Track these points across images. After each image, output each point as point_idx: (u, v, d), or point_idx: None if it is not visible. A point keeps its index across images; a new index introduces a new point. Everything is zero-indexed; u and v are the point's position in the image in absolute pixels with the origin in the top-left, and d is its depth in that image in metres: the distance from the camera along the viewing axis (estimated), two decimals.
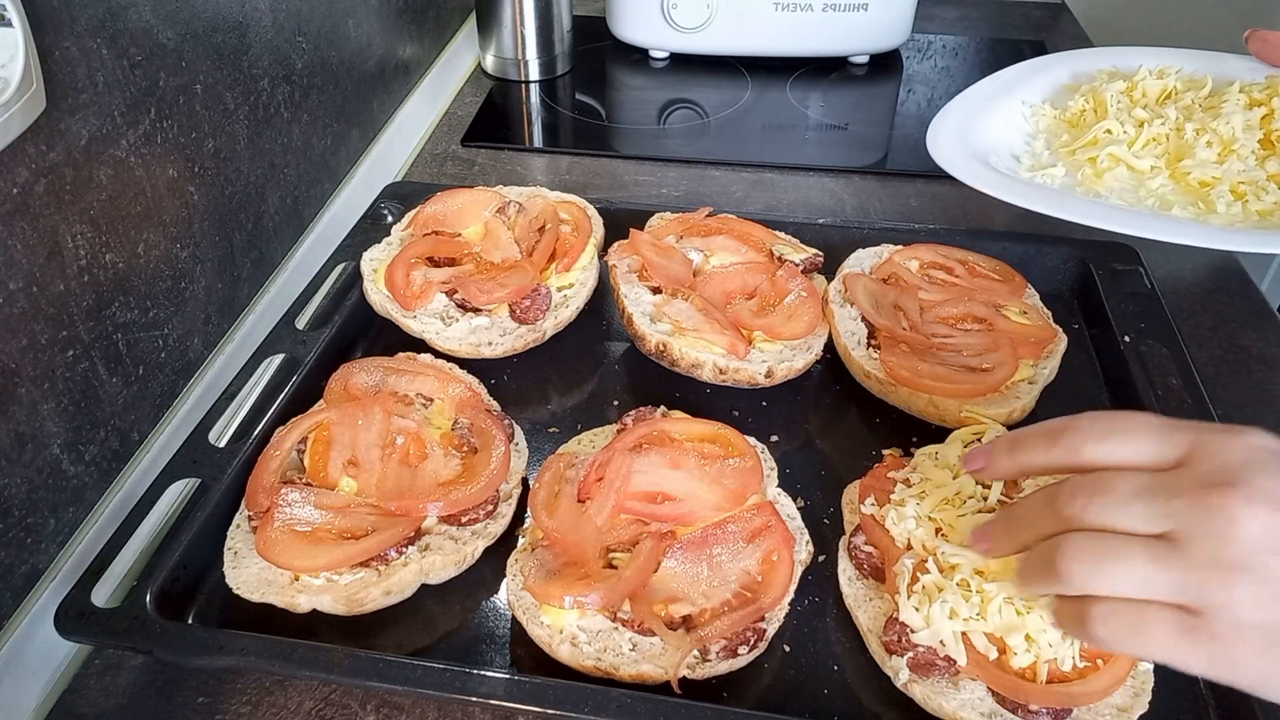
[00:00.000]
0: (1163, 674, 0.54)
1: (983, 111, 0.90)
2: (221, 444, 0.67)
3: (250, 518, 0.61)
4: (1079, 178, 0.83)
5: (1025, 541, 0.45)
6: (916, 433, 0.72)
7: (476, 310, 0.77)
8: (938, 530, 0.57)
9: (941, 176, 0.80)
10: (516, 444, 0.68)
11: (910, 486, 0.61)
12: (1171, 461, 0.41)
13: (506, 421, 0.69)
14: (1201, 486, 0.39)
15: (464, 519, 0.62)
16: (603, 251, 0.85)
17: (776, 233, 0.85)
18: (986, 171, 0.80)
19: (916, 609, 0.54)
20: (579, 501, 0.61)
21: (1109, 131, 0.85)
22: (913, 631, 0.54)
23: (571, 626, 0.56)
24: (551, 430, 0.73)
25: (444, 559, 0.60)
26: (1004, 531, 0.46)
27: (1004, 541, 0.46)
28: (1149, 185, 0.81)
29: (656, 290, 0.79)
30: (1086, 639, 0.42)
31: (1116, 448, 0.43)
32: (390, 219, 0.88)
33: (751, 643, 0.55)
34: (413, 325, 0.77)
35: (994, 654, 0.53)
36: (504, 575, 0.60)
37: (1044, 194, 0.78)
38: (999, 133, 0.89)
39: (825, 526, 0.66)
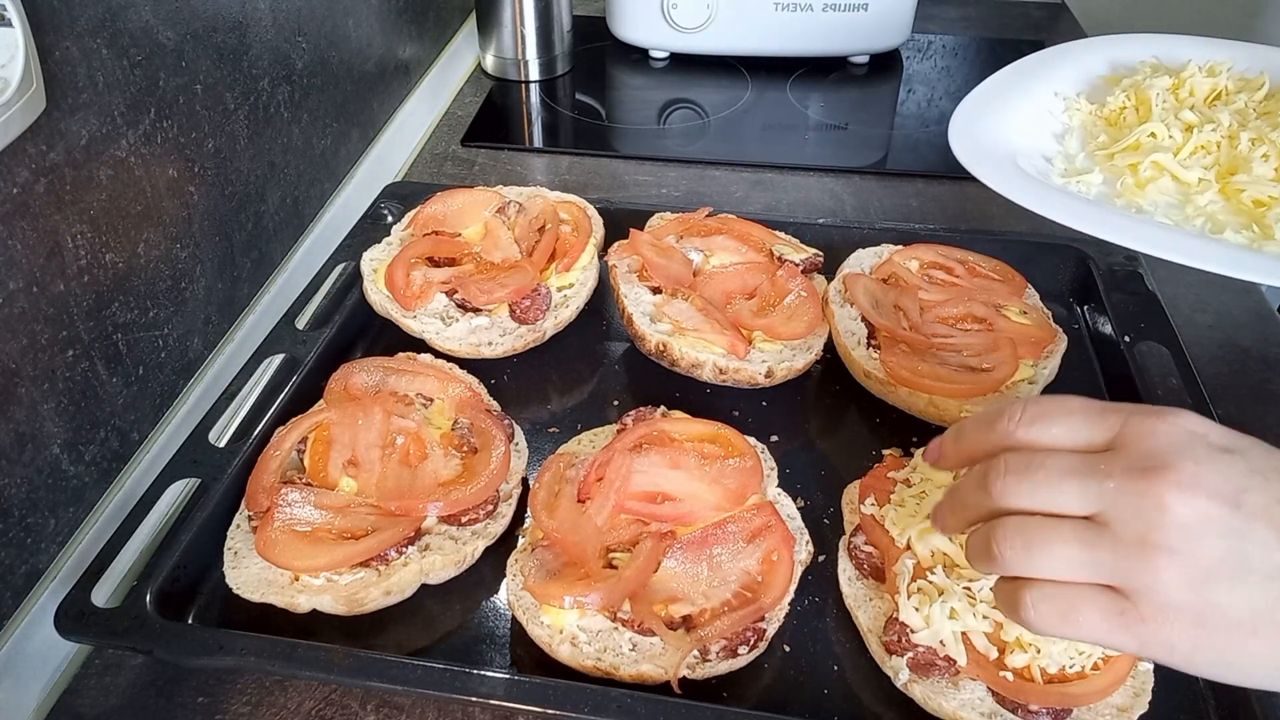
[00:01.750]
0: (1163, 674, 0.54)
1: (1010, 101, 0.81)
2: (221, 444, 0.67)
3: (250, 518, 0.61)
4: (1118, 187, 0.73)
5: (969, 519, 0.45)
6: (916, 433, 0.72)
7: (476, 310, 0.77)
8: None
9: (942, 176, 0.80)
10: (516, 444, 0.68)
11: (910, 486, 0.61)
12: (1102, 444, 0.42)
13: (506, 421, 0.69)
14: (1131, 470, 0.39)
15: (464, 519, 0.62)
16: (603, 251, 0.85)
17: (776, 233, 0.85)
18: (1017, 176, 0.72)
19: (916, 609, 0.54)
20: (579, 501, 0.61)
21: (1153, 135, 0.75)
22: (913, 631, 0.54)
23: (571, 626, 0.56)
24: (551, 430, 0.73)
25: (444, 559, 0.60)
26: (948, 511, 0.47)
27: (949, 520, 0.47)
28: (1197, 201, 0.71)
29: (656, 290, 0.79)
30: (1021, 623, 0.42)
31: (1048, 429, 0.43)
32: (390, 219, 0.88)
33: (751, 643, 0.55)
34: (413, 325, 0.77)
35: (994, 654, 0.53)
36: (504, 575, 0.60)
37: (1082, 208, 0.69)
38: (1027, 128, 0.80)
39: (825, 526, 0.66)
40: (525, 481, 0.67)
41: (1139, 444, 0.40)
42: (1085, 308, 0.84)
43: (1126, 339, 0.76)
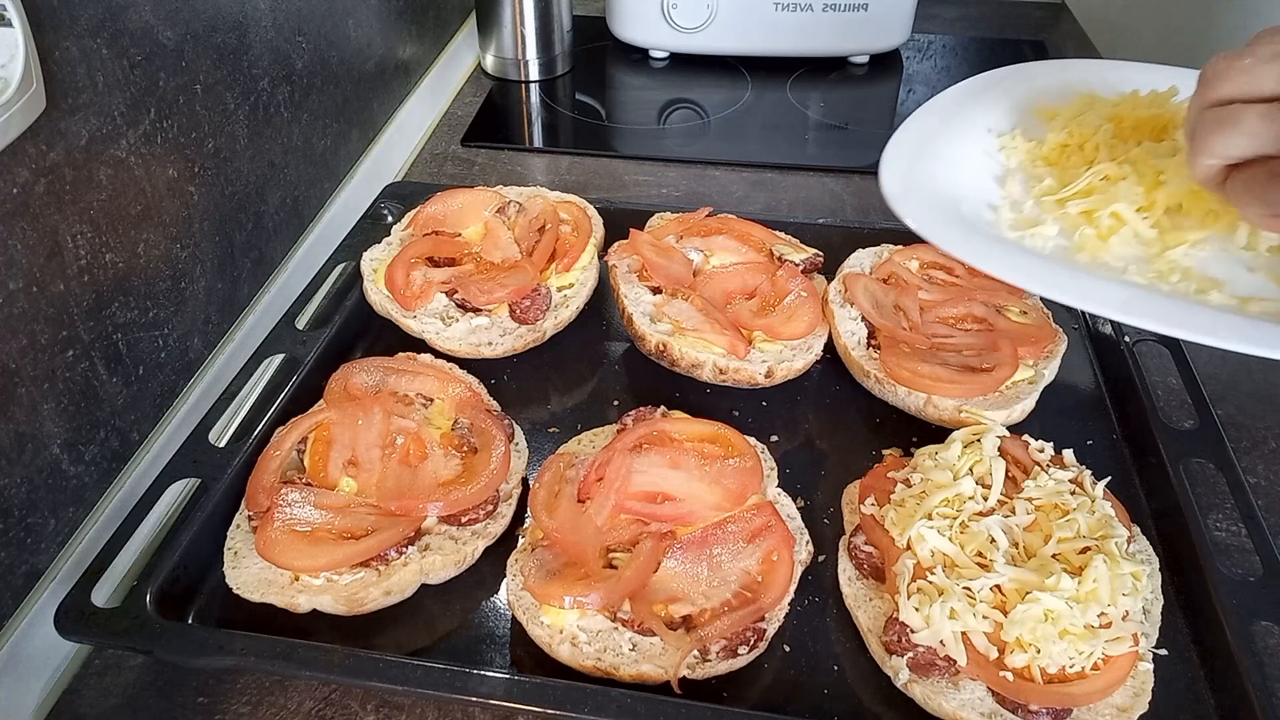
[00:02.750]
0: (1163, 674, 0.55)
1: (942, 142, 0.71)
2: (221, 444, 0.67)
3: (250, 518, 0.61)
4: (1076, 239, 0.63)
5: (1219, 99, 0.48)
6: (916, 433, 0.72)
7: (476, 310, 0.77)
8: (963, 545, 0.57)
9: None
10: (516, 444, 0.68)
11: (910, 486, 0.61)
12: None
13: (506, 421, 0.69)
14: None
15: (464, 519, 0.62)
16: (603, 251, 0.85)
17: (776, 233, 0.85)
18: (973, 236, 0.62)
19: (916, 609, 0.54)
20: (579, 501, 0.61)
21: (1106, 179, 0.65)
22: (913, 631, 0.54)
23: (571, 626, 0.56)
24: (551, 430, 0.73)
25: (444, 559, 0.60)
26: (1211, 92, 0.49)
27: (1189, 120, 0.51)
28: (1170, 256, 0.61)
29: (656, 290, 0.79)
30: (1236, 201, 0.47)
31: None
32: (390, 219, 0.88)
33: (751, 643, 0.55)
34: (413, 325, 0.77)
35: (994, 654, 0.53)
36: (504, 575, 0.60)
37: (1049, 269, 0.60)
38: (965, 172, 0.69)
39: (825, 526, 0.66)
40: (525, 481, 0.67)
41: None
42: None
43: (1126, 339, 0.76)
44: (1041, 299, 0.79)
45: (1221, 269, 0.60)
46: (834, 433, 0.74)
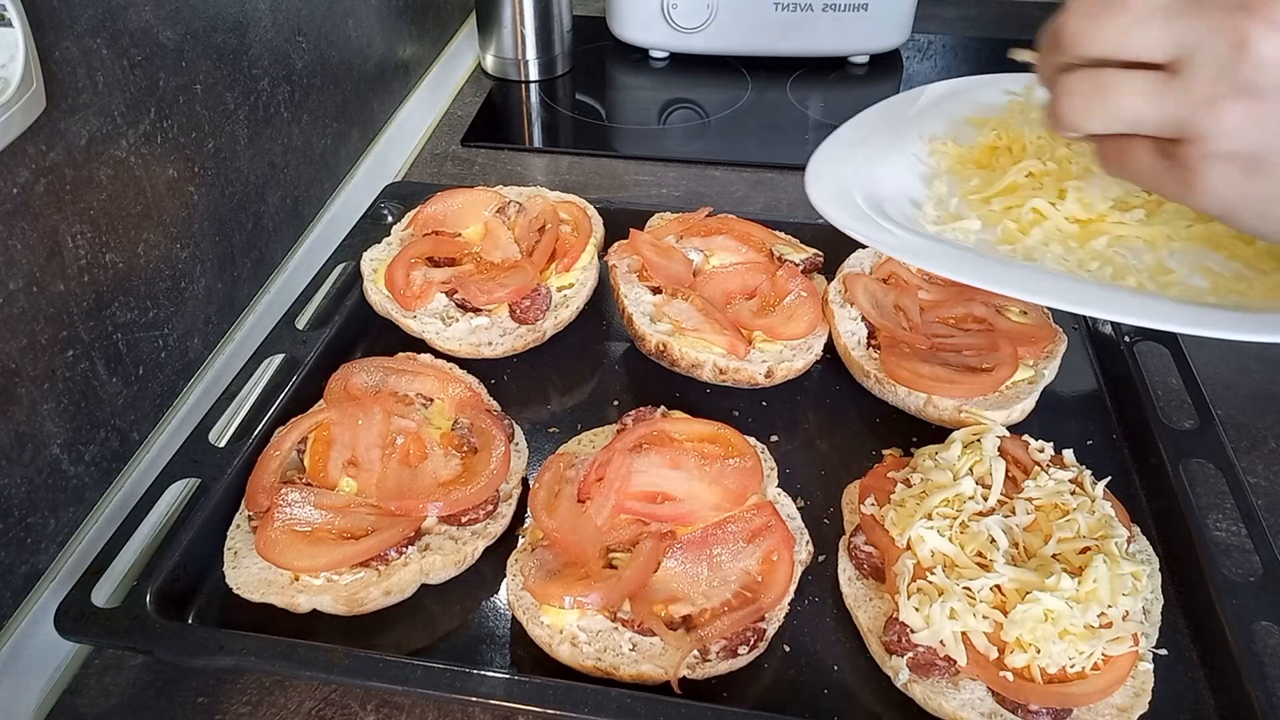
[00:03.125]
0: (1163, 674, 0.55)
1: (871, 147, 0.72)
2: (221, 444, 0.67)
3: (250, 518, 0.61)
4: (999, 233, 0.64)
5: (1060, 65, 0.43)
6: (916, 433, 0.72)
7: (476, 310, 0.77)
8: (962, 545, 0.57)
9: None
10: (516, 444, 0.68)
11: (910, 486, 0.61)
12: None
13: (506, 421, 0.69)
14: (1218, 7, 0.38)
15: (464, 519, 0.62)
16: (603, 251, 0.85)
17: (776, 233, 0.85)
18: (887, 228, 0.63)
19: (916, 609, 0.54)
20: (579, 501, 0.61)
21: (1031, 175, 0.66)
22: (913, 631, 0.54)
23: (571, 626, 0.56)
24: (551, 430, 0.73)
25: (444, 559, 0.60)
26: (1051, 48, 0.44)
27: (1050, 59, 0.44)
28: (1093, 246, 0.62)
29: (656, 290, 0.79)
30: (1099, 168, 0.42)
31: None
32: (390, 219, 0.88)
33: (751, 643, 0.55)
34: (413, 325, 0.77)
35: (994, 654, 0.53)
36: (504, 575, 0.60)
37: (968, 260, 0.60)
38: (892, 173, 0.70)
39: (825, 526, 0.66)
40: (525, 481, 0.67)
41: None
42: None
43: (1126, 339, 0.76)
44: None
45: (1143, 259, 0.61)
46: (834, 433, 0.74)
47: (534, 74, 1.27)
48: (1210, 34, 0.38)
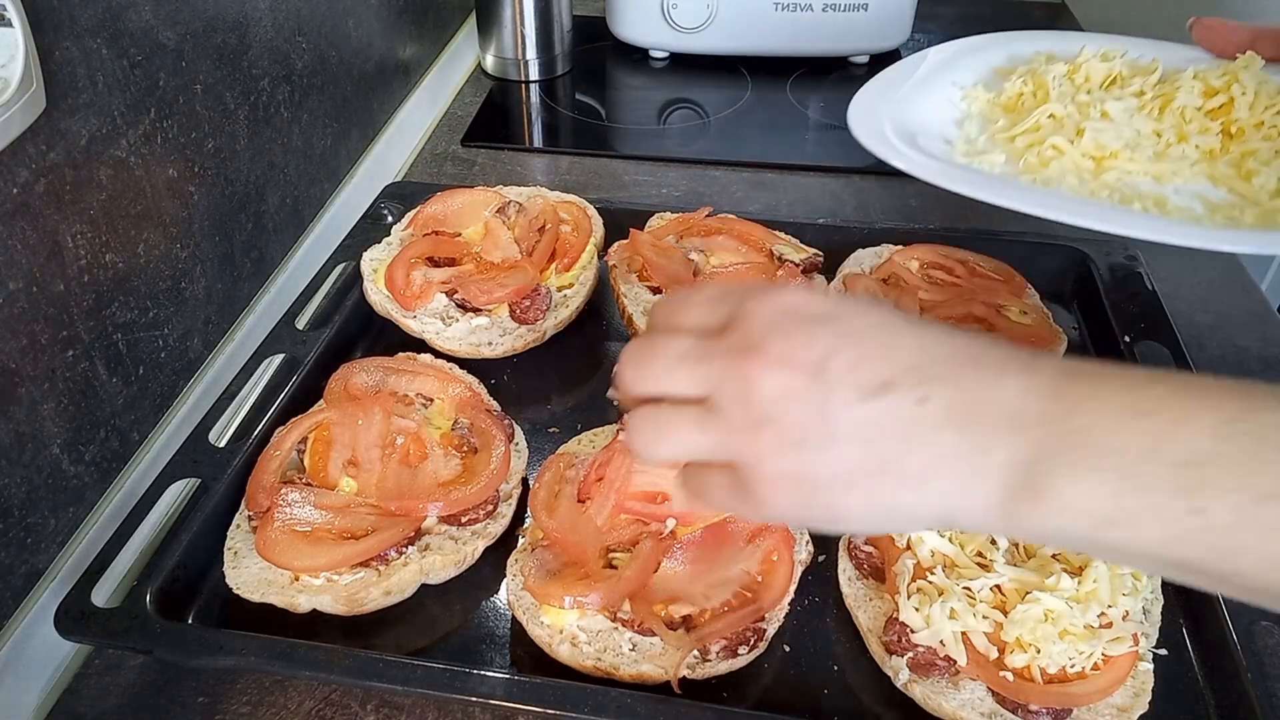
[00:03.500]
0: (1163, 674, 0.55)
1: (909, 90, 0.81)
2: (221, 444, 0.67)
3: (250, 518, 0.61)
4: (1021, 166, 0.74)
5: (629, 406, 0.46)
6: None
7: (476, 310, 0.77)
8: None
9: None
10: (516, 444, 0.68)
11: None
12: (719, 327, 0.43)
13: (506, 421, 0.69)
14: (728, 352, 0.41)
15: (464, 519, 0.62)
16: (603, 251, 0.85)
17: (776, 233, 0.85)
18: (918, 154, 0.72)
19: (916, 609, 0.54)
20: (579, 501, 0.61)
21: (1053, 116, 0.76)
22: (913, 631, 0.54)
23: (571, 626, 0.56)
24: (551, 430, 0.73)
25: (444, 559, 0.60)
26: (616, 388, 0.47)
27: (618, 395, 0.47)
28: (1104, 179, 0.72)
29: (656, 290, 0.79)
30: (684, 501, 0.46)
31: (679, 316, 0.45)
32: (390, 219, 0.88)
33: (751, 643, 0.55)
34: (413, 325, 0.77)
35: (994, 654, 0.53)
36: (504, 575, 0.60)
37: (989, 181, 0.70)
38: (927, 114, 0.79)
39: None
40: (525, 481, 0.67)
41: (740, 326, 0.42)
42: (1085, 308, 0.84)
43: (1126, 339, 0.76)
44: (1041, 299, 0.80)
45: (1147, 190, 0.71)
46: None
47: (534, 74, 1.27)
48: (723, 376, 0.41)
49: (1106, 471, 0.36)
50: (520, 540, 0.62)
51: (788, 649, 0.58)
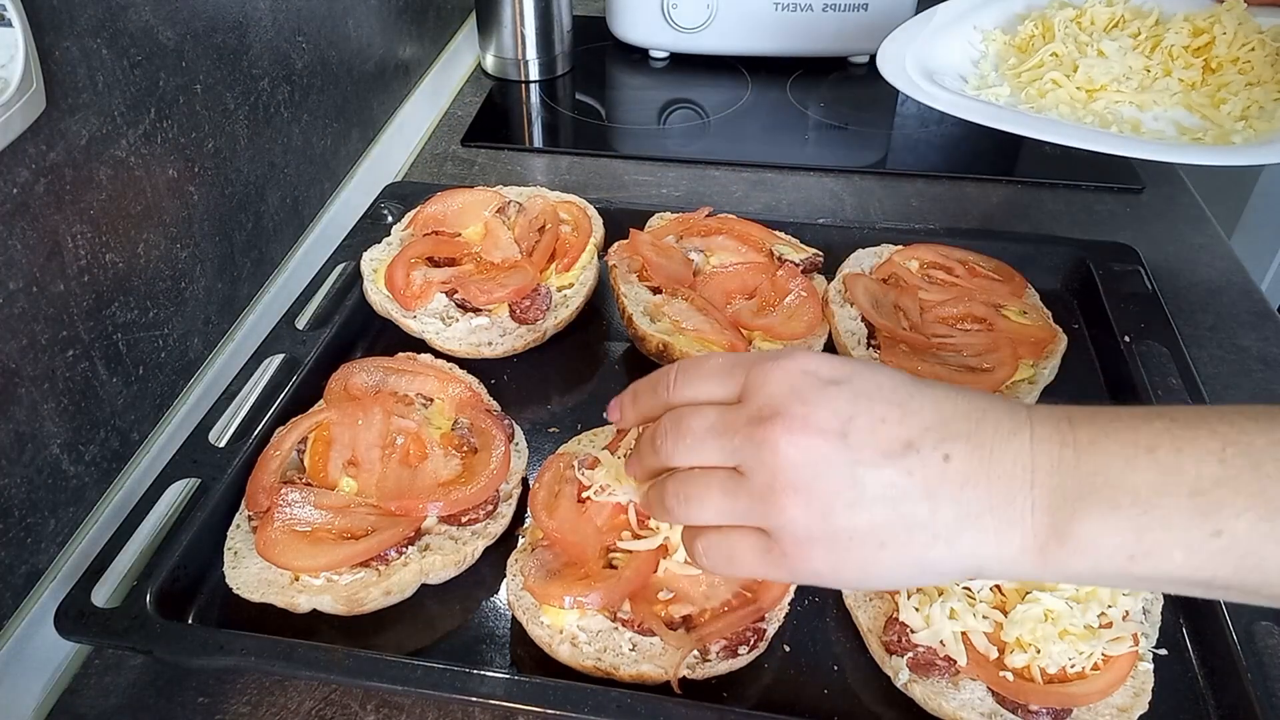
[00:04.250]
0: (1163, 674, 0.55)
1: (935, 34, 0.95)
2: (221, 444, 0.67)
3: (250, 518, 0.61)
4: (1023, 97, 0.87)
5: (649, 473, 0.48)
6: None
7: (476, 310, 0.77)
8: None
9: (942, 176, 0.81)
10: (516, 444, 0.68)
11: None
12: (735, 397, 0.44)
13: (506, 421, 0.69)
14: (750, 422, 0.42)
15: (464, 519, 0.62)
16: (603, 251, 0.85)
17: (776, 233, 0.85)
18: (928, 84, 0.85)
19: (916, 609, 0.54)
20: (579, 501, 0.61)
21: (1055, 55, 0.88)
22: (913, 631, 0.54)
23: (571, 626, 0.56)
24: (551, 430, 0.73)
25: (444, 559, 0.60)
26: (634, 464, 0.50)
27: (636, 471, 0.50)
28: (1092, 107, 0.85)
29: (656, 290, 0.79)
30: (700, 567, 0.46)
31: (697, 388, 0.46)
32: (390, 219, 0.88)
33: (751, 643, 0.55)
34: (413, 325, 0.77)
35: (994, 654, 0.53)
36: (504, 575, 0.60)
37: (986, 109, 0.82)
38: (949, 55, 0.94)
39: None
40: (525, 481, 0.67)
41: (757, 394, 0.43)
42: (1085, 308, 0.84)
43: (1126, 339, 0.76)
44: (1041, 299, 0.80)
45: (1131, 114, 0.85)
46: None
47: (534, 74, 1.27)
48: (747, 445, 0.42)
49: (1126, 509, 0.38)
50: (520, 540, 0.62)
51: (788, 649, 0.58)
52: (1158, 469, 0.38)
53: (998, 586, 0.55)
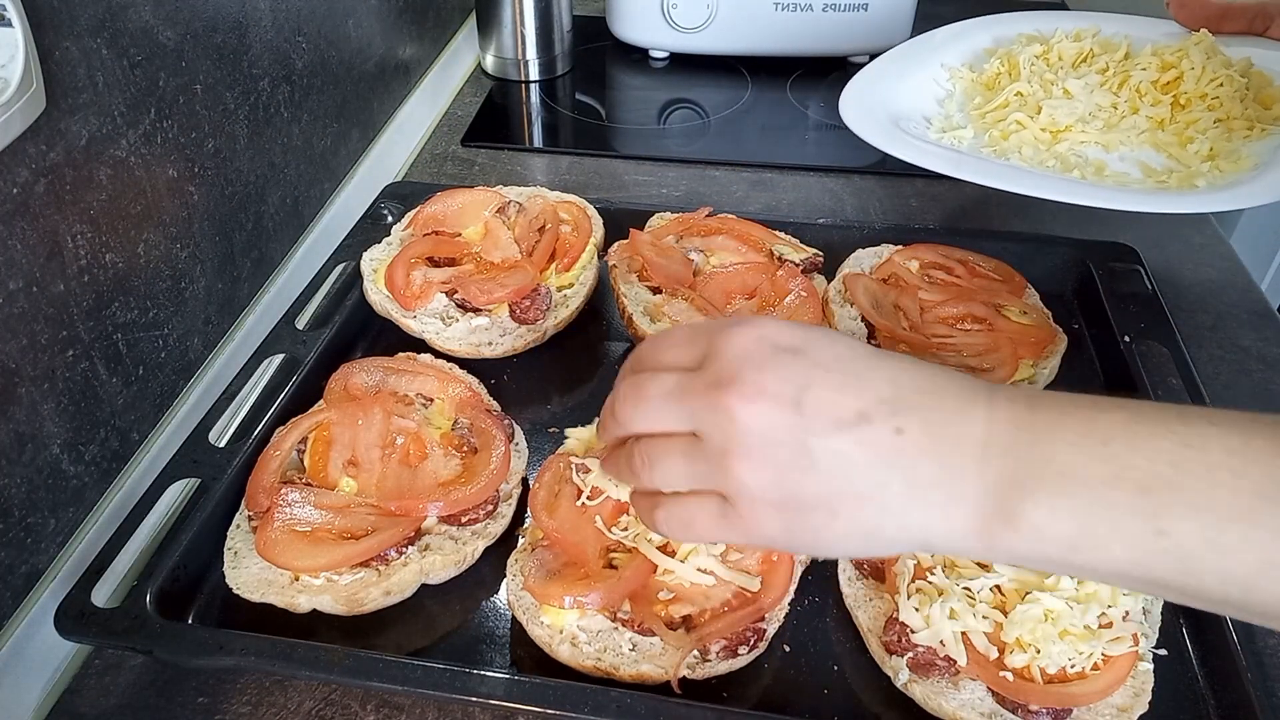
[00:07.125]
0: (1163, 674, 0.55)
1: (901, 73, 0.91)
2: (221, 444, 0.67)
3: (250, 518, 0.61)
4: (986, 139, 0.84)
5: (614, 437, 0.48)
6: None
7: (476, 310, 0.77)
8: None
9: (942, 176, 0.80)
10: (516, 444, 0.68)
11: None
12: (698, 363, 0.44)
13: (506, 421, 0.69)
14: (708, 386, 0.43)
15: (464, 519, 0.62)
16: (603, 251, 0.85)
17: (776, 233, 0.85)
18: (891, 130, 0.82)
19: (916, 609, 0.54)
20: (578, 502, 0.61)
21: (1020, 94, 0.85)
22: (913, 631, 0.54)
23: (571, 626, 0.56)
24: (551, 430, 0.73)
25: (444, 559, 0.60)
26: (600, 429, 0.50)
27: (601, 437, 0.50)
28: (1056, 149, 0.81)
29: (656, 290, 0.79)
30: (657, 533, 0.47)
31: (660, 355, 0.46)
32: (390, 219, 0.88)
33: (751, 643, 0.55)
34: (413, 325, 0.77)
35: (994, 654, 0.53)
36: (504, 575, 0.60)
37: (943, 156, 0.80)
38: (915, 95, 0.90)
39: None
40: (525, 481, 0.67)
41: (716, 360, 0.43)
42: (1085, 308, 0.84)
43: (1126, 339, 0.76)
44: (1041, 299, 0.80)
45: (1091, 159, 0.82)
46: None
47: (534, 74, 1.27)
48: (704, 410, 0.42)
49: (1073, 498, 0.38)
50: (520, 540, 0.62)
51: (788, 649, 0.58)
52: (1111, 462, 0.37)
53: (998, 587, 0.55)
